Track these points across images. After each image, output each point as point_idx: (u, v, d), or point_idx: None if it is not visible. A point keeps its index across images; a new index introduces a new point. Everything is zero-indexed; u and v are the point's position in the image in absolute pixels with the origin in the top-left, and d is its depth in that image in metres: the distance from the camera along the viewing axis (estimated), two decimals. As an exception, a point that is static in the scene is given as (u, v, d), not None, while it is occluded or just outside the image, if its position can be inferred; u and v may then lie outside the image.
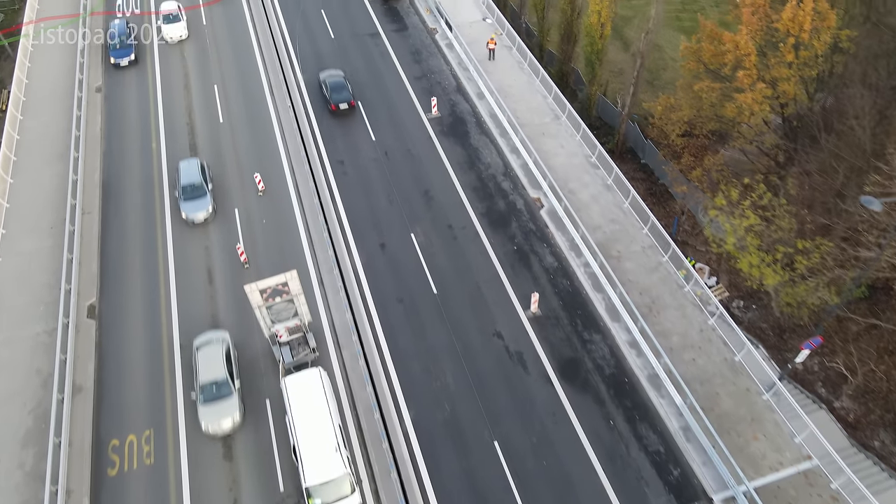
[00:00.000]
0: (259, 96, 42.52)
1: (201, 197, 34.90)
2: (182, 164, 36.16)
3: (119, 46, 45.03)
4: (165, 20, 47.17)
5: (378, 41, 47.46)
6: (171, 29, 46.77)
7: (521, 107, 41.58)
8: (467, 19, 49.06)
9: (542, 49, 57.34)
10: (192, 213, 34.48)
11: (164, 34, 47.08)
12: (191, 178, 35.39)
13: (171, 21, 47.09)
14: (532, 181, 37.18)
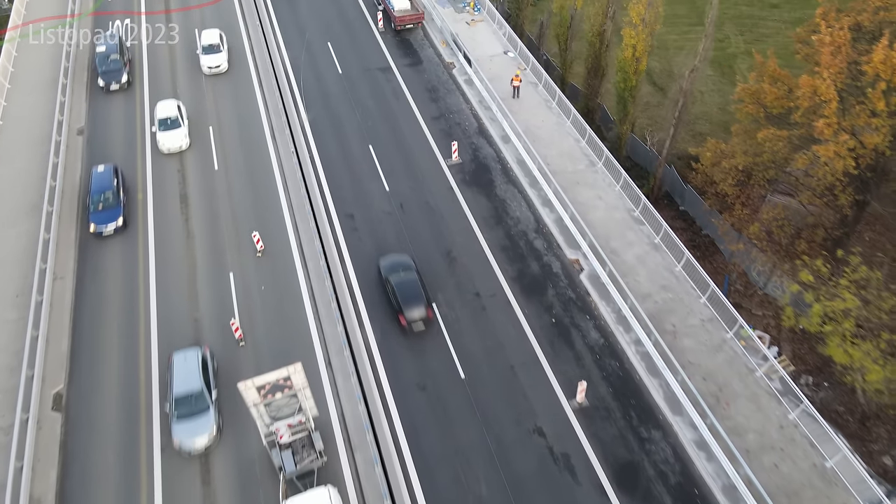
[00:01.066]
0: (259, 140, 38.15)
1: (202, 413, 24.76)
2: (176, 360, 26.01)
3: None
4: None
5: (390, 76, 43.24)
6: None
7: (552, 151, 37.19)
8: (487, 52, 44.90)
9: (564, 82, 53.21)
10: (187, 438, 24.21)
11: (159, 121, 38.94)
12: (188, 385, 25.15)
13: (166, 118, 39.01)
14: (568, 239, 32.63)
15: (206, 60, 43.01)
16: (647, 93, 60.71)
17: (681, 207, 43.16)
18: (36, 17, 48.04)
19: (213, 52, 43.30)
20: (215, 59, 43.05)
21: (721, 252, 38.94)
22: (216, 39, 44.01)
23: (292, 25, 47.90)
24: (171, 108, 38.08)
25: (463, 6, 49.57)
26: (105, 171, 34.32)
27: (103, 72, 41.53)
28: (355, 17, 48.90)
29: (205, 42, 43.83)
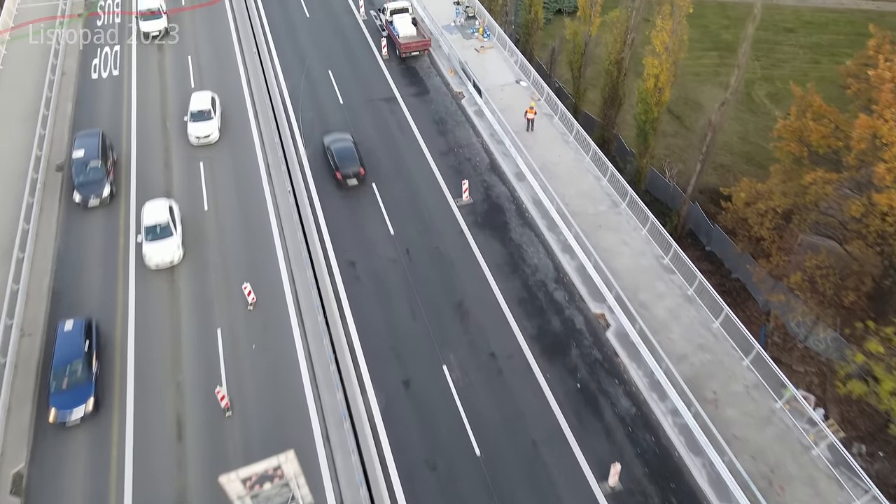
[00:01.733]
0: (253, 177, 35.25)
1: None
2: None
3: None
4: None
5: (395, 107, 40.45)
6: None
7: (571, 191, 34.25)
8: (498, 81, 42.15)
9: (577, 111, 50.49)
10: None
11: None
12: None
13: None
14: (592, 290, 29.56)
15: (194, 129, 37.05)
16: (662, 120, 58.08)
17: (707, 248, 40.14)
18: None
19: (203, 119, 37.30)
20: (205, 127, 37.07)
21: (754, 299, 35.85)
22: (207, 104, 37.95)
23: (291, 52, 45.29)
24: (162, 212, 31.10)
25: (471, 32, 46.98)
26: (74, 330, 26.34)
27: (80, 184, 33.37)
28: (358, 44, 46.32)
29: (194, 107, 37.77)
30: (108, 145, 35.66)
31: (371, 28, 47.98)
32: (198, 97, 38.53)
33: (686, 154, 54.23)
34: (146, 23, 46.26)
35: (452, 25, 47.70)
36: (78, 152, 34.29)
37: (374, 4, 50.80)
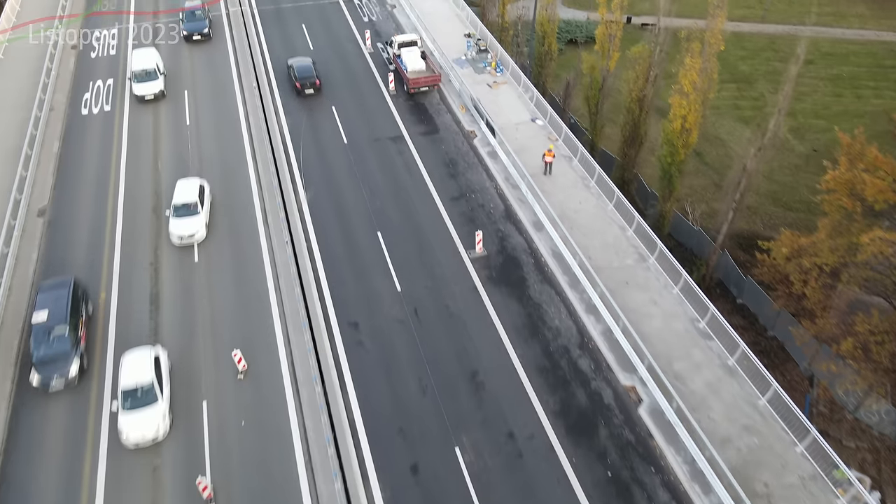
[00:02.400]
0: (250, 228, 32.54)
1: None
2: None
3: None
4: None
5: (402, 147, 37.86)
6: None
7: (594, 242, 31.43)
8: (512, 120, 39.58)
9: (594, 148, 47.91)
10: None
11: None
12: None
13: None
14: (621, 358, 26.58)
15: (176, 227, 31.02)
16: (684, 159, 55.49)
17: (738, 300, 37.17)
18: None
19: (189, 213, 31.36)
20: (189, 225, 31.04)
21: (795, 361, 32.79)
22: (193, 196, 31.73)
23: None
24: (145, 372, 24.37)
25: (483, 66, 44.57)
26: None
27: (39, 361, 25.03)
28: (364, 78, 43.91)
29: (178, 199, 31.67)
30: (80, 297, 27.33)
31: (378, 61, 45.63)
32: (183, 187, 32.22)
33: (708, 193, 51.53)
34: (140, 85, 41.20)
35: (463, 59, 45.34)
36: (39, 315, 25.90)
37: (382, 36, 48.56)
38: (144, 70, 41.44)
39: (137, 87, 41.00)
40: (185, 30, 47.39)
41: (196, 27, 47.38)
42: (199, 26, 47.45)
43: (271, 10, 51.67)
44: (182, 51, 46.70)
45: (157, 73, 41.58)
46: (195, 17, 47.97)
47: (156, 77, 41.43)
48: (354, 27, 49.37)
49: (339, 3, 52.74)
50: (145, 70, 41.45)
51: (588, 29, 76.58)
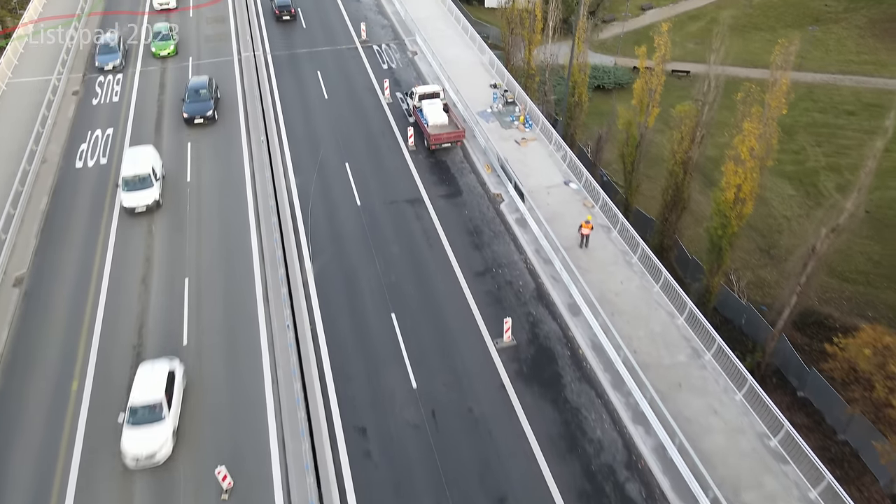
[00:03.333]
0: (247, 303, 28.87)
1: None
2: None
3: None
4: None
5: (421, 211, 34.24)
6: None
7: (639, 332, 27.36)
8: (543, 182, 35.94)
9: (628, 208, 44.08)
10: None
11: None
12: None
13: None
14: (677, 484, 22.27)
15: (129, 445, 22.44)
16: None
17: (799, 393, 32.72)
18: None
19: (147, 414, 23.05)
20: (150, 441, 22.53)
21: (873, 474, 28.19)
22: (158, 384, 23.79)
23: (305, 140, 39.65)
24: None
25: (511, 120, 41.15)
26: None
27: None
28: (381, 132, 40.61)
29: (136, 393, 23.54)
30: None
31: (397, 113, 42.38)
32: (144, 375, 24.18)
33: (753, 259, 47.34)
34: (130, 195, 33.25)
35: (489, 112, 41.97)
36: None
37: (401, 86, 45.46)
38: (137, 175, 33.43)
39: (127, 198, 33.05)
40: (186, 112, 40.37)
41: (199, 109, 40.39)
42: (203, 108, 40.52)
43: (285, 55, 48.89)
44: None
45: (151, 180, 33.61)
46: (199, 97, 40.96)
47: (150, 184, 33.46)
48: (373, 75, 46.36)
49: (356, 49, 49.92)
50: (138, 175, 33.45)
51: (616, 75, 73.53)
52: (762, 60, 77.21)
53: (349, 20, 54.09)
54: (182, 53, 48.97)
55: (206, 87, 41.77)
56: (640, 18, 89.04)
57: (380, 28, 53.17)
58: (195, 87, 41.77)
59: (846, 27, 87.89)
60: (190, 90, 41.55)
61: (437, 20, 53.51)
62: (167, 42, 48.33)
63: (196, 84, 42.06)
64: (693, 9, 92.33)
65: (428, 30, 50.95)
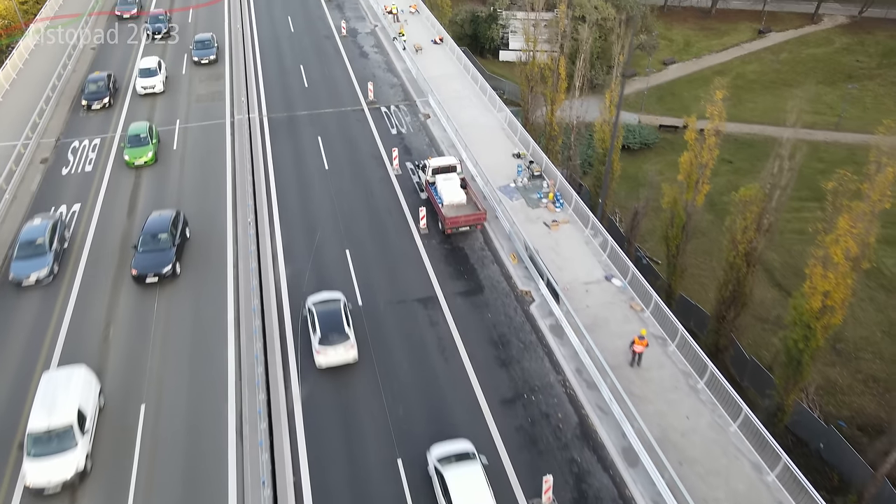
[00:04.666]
0: (216, 441, 22.89)
1: None
2: None
3: None
4: None
5: (435, 314, 28.42)
6: None
7: (718, 493, 21.10)
8: (580, 276, 30.18)
9: (670, 296, 38.27)
10: None
11: None
12: None
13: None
14: None
15: None
16: (769, 298, 45.51)
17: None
18: None
19: None
20: None
21: None
22: None
23: (300, 219, 34.19)
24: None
25: (538, 198, 35.63)
26: None
27: None
28: (388, 209, 35.16)
29: None
30: None
31: (406, 187, 36.97)
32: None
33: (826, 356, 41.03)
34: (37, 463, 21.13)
35: (513, 187, 36.54)
36: None
37: (412, 154, 40.24)
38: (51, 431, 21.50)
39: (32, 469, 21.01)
40: (135, 268, 29.45)
41: (152, 264, 29.41)
42: (159, 262, 29.48)
43: (283, 118, 43.92)
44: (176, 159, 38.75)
45: (73, 436, 21.61)
46: (156, 244, 29.91)
47: (72, 444, 21.54)
48: (380, 141, 41.17)
49: (363, 111, 44.94)
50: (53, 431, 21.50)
51: (642, 134, 68.53)
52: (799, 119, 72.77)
53: (355, 78, 49.33)
54: (168, 115, 44.03)
55: (168, 230, 30.23)
56: (662, 73, 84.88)
57: (389, 87, 48.33)
58: (153, 229, 30.40)
59: (882, 84, 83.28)
60: (145, 234, 30.21)
61: (453, 79, 48.68)
62: (143, 149, 38.26)
63: (155, 225, 30.64)
64: (717, 63, 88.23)
65: (442, 90, 46.06)
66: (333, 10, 62.84)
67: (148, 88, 46.23)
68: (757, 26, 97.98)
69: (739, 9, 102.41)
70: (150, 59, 47.82)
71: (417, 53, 52.53)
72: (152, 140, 39.06)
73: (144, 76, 46.49)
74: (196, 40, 52.18)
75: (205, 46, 51.46)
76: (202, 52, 51.00)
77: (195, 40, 52.22)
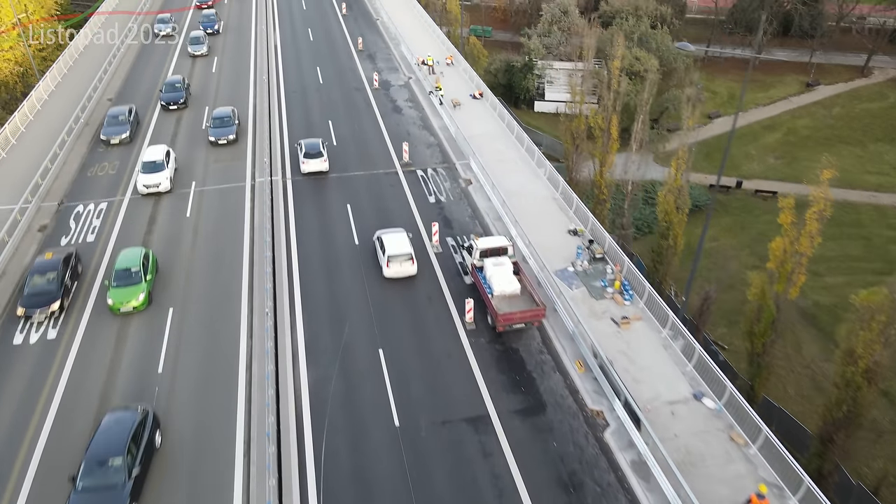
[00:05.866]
0: None
1: None
2: None
3: None
4: None
5: (488, 440, 23.18)
6: None
7: None
8: (662, 393, 24.83)
9: (752, 397, 32.73)
10: None
11: None
12: None
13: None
14: None
15: None
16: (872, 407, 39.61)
17: None
18: None
19: None
20: None
21: None
22: None
23: (326, 311, 29.37)
24: None
25: (602, 286, 30.57)
26: None
27: None
28: (428, 296, 30.30)
29: None
30: None
31: (448, 268, 32.17)
32: None
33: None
34: None
35: (571, 271, 31.56)
36: None
37: (453, 227, 35.55)
38: None
39: None
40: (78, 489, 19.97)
41: None
42: None
43: (309, 181, 39.67)
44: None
45: None
46: (100, 476, 20.30)
47: None
48: (417, 212, 36.60)
49: (397, 174, 40.56)
50: None
51: (695, 196, 63.37)
52: (860, 181, 67.34)
53: (388, 136, 45.16)
54: (183, 178, 39.91)
55: (123, 454, 20.54)
56: (708, 128, 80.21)
57: (425, 147, 44.04)
58: (99, 453, 20.64)
59: (947, 141, 77.86)
60: (87, 461, 20.47)
61: (496, 139, 44.29)
62: (135, 287, 28.84)
63: (102, 447, 20.85)
64: (765, 118, 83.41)
65: (484, 151, 41.64)
66: (365, 60, 59.30)
67: (151, 187, 37.42)
68: (803, 79, 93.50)
69: (784, 60, 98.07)
70: (155, 150, 39.26)
71: (455, 109, 48.42)
72: (146, 276, 29.38)
73: (148, 171, 37.70)
74: (214, 117, 44.50)
75: (223, 124, 43.86)
76: (220, 131, 43.42)
77: (213, 117, 44.57)
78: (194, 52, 58.83)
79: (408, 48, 59.78)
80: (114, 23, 65.02)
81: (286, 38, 64.13)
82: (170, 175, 38.41)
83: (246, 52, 59.69)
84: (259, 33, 64.01)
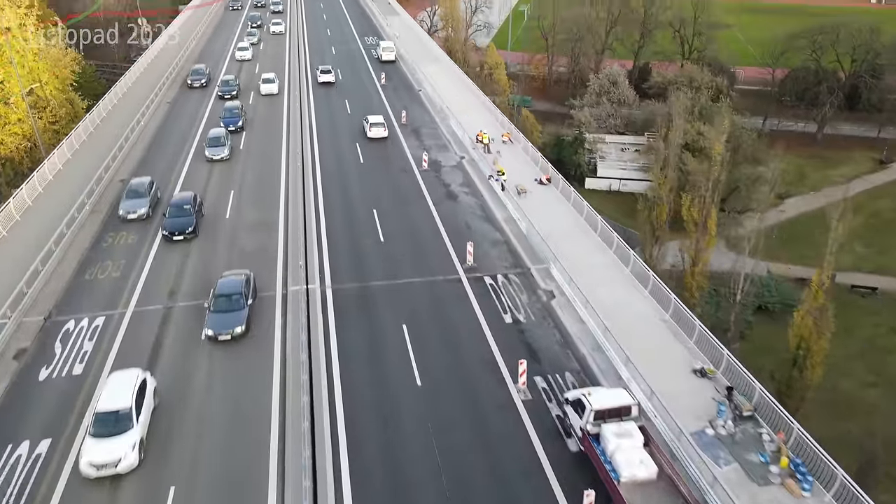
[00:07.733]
0: None
1: None
2: None
3: None
4: None
5: None
6: None
7: None
8: None
9: None
10: None
11: None
12: None
13: None
14: None
15: None
16: None
17: None
18: None
19: None
20: None
21: None
22: None
23: (382, 489, 21.40)
24: None
25: (764, 463, 22.17)
26: None
27: None
28: (520, 470, 22.19)
29: None
30: None
31: (542, 424, 24.02)
32: None
33: None
34: None
35: (711, 434, 23.26)
36: None
37: (540, 361, 27.51)
38: None
39: None
40: None
41: None
42: None
43: (353, 290, 32.25)
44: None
45: None
46: None
47: None
48: (492, 338, 28.77)
49: (460, 282, 33.02)
50: None
51: (781, 291, 55.19)
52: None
53: (444, 230, 37.87)
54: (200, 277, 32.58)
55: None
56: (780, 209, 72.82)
57: (490, 245, 36.61)
58: None
59: None
60: None
61: (574, 238, 36.66)
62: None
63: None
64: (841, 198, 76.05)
65: (565, 254, 34.03)
66: (409, 135, 52.96)
67: None
68: (872, 154, 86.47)
69: (849, 135, 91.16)
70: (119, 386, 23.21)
71: (520, 197, 41.21)
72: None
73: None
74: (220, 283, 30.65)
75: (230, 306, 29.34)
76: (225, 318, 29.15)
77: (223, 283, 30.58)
78: (212, 157, 46.83)
79: (458, 122, 53.39)
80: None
81: (322, 117, 57.54)
82: None
83: (278, 129, 53.50)
84: (292, 108, 58.13)
